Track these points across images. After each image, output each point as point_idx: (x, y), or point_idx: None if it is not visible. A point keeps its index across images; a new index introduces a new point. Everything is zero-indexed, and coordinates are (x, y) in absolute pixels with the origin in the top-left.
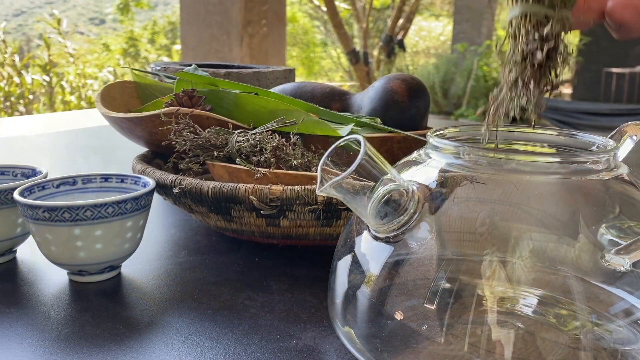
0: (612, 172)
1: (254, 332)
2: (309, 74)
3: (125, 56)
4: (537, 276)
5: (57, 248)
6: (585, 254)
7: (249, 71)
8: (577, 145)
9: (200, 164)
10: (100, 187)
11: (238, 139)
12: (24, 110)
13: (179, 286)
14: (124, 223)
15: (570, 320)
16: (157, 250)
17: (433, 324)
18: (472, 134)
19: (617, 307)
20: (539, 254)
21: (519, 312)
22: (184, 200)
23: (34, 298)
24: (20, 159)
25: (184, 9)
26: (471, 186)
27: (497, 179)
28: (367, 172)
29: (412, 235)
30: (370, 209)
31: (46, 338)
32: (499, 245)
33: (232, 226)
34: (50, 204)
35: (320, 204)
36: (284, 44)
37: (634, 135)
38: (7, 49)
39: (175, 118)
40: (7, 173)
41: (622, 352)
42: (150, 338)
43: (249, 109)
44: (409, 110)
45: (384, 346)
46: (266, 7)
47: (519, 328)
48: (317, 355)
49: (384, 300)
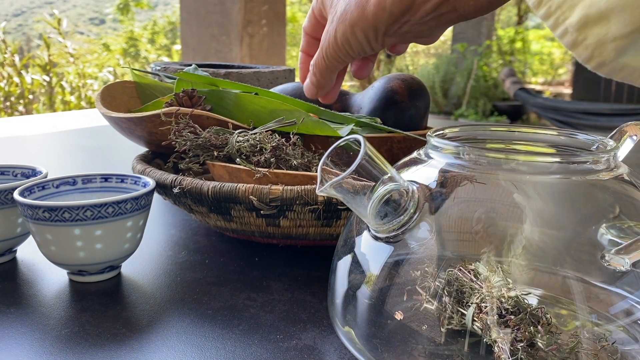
0: (612, 172)
1: (254, 332)
2: None
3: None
4: (537, 276)
5: (57, 248)
6: (585, 254)
7: (249, 71)
8: (577, 145)
9: (200, 164)
10: (100, 187)
11: (238, 139)
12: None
13: (179, 286)
14: (124, 223)
15: (570, 320)
16: (157, 250)
17: (433, 324)
18: (472, 134)
19: (617, 307)
20: (539, 254)
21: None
22: (184, 200)
23: (34, 298)
24: (20, 159)
25: (184, 9)
26: (471, 186)
27: (497, 179)
28: (367, 172)
29: (412, 235)
30: (370, 209)
31: (46, 338)
32: (499, 245)
33: (232, 226)
34: (50, 204)
35: (320, 204)
36: (284, 44)
37: (634, 135)
38: (7, 49)
39: (175, 118)
40: (7, 173)
41: (622, 352)
42: (150, 338)
43: (249, 109)
44: (409, 110)
45: (384, 346)
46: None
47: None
48: (317, 355)
49: (384, 300)
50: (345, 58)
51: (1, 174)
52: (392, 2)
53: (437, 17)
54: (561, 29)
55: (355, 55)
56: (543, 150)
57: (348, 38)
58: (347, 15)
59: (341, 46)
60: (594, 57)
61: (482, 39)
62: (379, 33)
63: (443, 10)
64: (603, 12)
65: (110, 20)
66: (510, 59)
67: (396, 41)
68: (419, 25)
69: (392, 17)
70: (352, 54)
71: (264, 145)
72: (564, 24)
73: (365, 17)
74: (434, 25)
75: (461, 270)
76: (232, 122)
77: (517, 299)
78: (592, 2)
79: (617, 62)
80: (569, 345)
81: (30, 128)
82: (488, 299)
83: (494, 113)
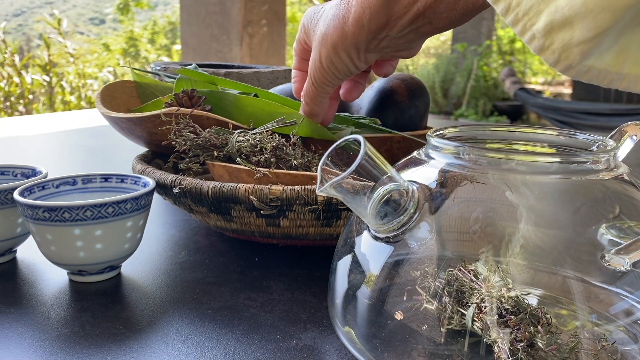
0: (612, 172)
1: (254, 332)
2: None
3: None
4: (537, 276)
5: (57, 248)
6: (585, 254)
7: (249, 71)
8: (577, 145)
9: (200, 164)
10: (100, 187)
11: (238, 139)
12: (23, 110)
13: (179, 286)
14: (124, 223)
15: (570, 320)
16: (157, 250)
17: (433, 324)
18: (472, 134)
19: (617, 307)
20: (539, 254)
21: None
22: (184, 200)
23: (34, 298)
24: (20, 159)
25: (184, 9)
26: (471, 186)
27: (497, 179)
28: (367, 172)
29: (412, 235)
30: (370, 209)
31: (46, 338)
32: (499, 245)
33: (232, 226)
34: (50, 204)
35: (320, 204)
36: (284, 44)
37: (634, 135)
38: (7, 49)
39: (175, 118)
40: (7, 173)
41: (622, 352)
42: (150, 338)
43: (249, 111)
44: (409, 110)
45: (384, 346)
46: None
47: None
48: (317, 355)
49: (384, 300)
50: (333, 80)
51: (1, 174)
52: (370, 19)
53: (413, 30)
54: (529, 35)
55: (342, 76)
56: (543, 150)
57: (332, 59)
58: (327, 38)
59: (327, 69)
60: (560, 61)
61: (482, 38)
62: (360, 51)
63: (419, 24)
64: (567, 18)
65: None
66: (510, 59)
67: (378, 57)
68: (397, 39)
69: (371, 33)
70: (339, 76)
71: (264, 145)
72: (531, 30)
73: (345, 37)
74: (411, 39)
75: (461, 270)
76: (232, 122)
77: (517, 299)
78: (556, 8)
79: (582, 65)
80: (569, 345)
81: (30, 128)
82: (488, 299)
83: (494, 113)
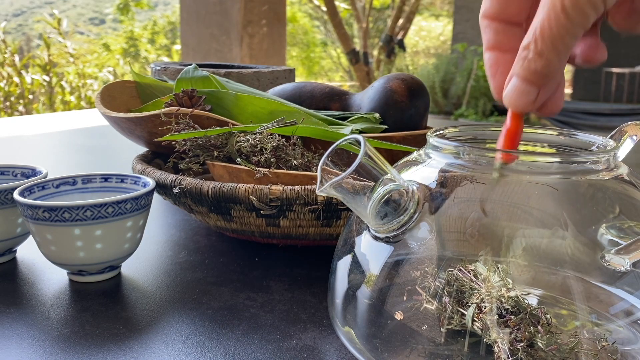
0: (612, 172)
1: (254, 332)
2: (309, 74)
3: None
4: (537, 276)
5: (57, 248)
6: (585, 254)
7: (249, 71)
8: (577, 145)
9: (200, 164)
10: (100, 187)
11: (238, 139)
12: (23, 110)
13: (179, 286)
14: (124, 223)
15: (570, 320)
16: (157, 250)
17: (433, 324)
18: (472, 134)
19: (617, 307)
20: (539, 254)
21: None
22: (184, 200)
23: (34, 298)
24: (20, 159)
25: (184, 9)
26: (471, 186)
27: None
28: (367, 172)
29: (412, 235)
30: (370, 209)
31: (46, 338)
32: (499, 245)
33: (232, 226)
34: (50, 204)
35: (320, 204)
36: (284, 44)
37: (634, 135)
38: (7, 49)
39: (175, 118)
40: (7, 173)
41: (622, 352)
42: (150, 338)
43: (249, 110)
44: (409, 110)
45: (384, 346)
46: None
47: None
48: (317, 355)
49: (384, 300)
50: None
51: (1, 174)
52: None
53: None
54: None
55: (588, 23)
56: (543, 150)
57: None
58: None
59: (574, 15)
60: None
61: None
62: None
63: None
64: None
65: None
66: None
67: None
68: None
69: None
70: (586, 24)
71: (264, 145)
72: None
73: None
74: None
75: (461, 270)
76: (232, 122)
77: (517, 299)
78: None
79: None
80: (569, 345)
81: (30, 128)
82: (488, 299)
83: (494, 113)
